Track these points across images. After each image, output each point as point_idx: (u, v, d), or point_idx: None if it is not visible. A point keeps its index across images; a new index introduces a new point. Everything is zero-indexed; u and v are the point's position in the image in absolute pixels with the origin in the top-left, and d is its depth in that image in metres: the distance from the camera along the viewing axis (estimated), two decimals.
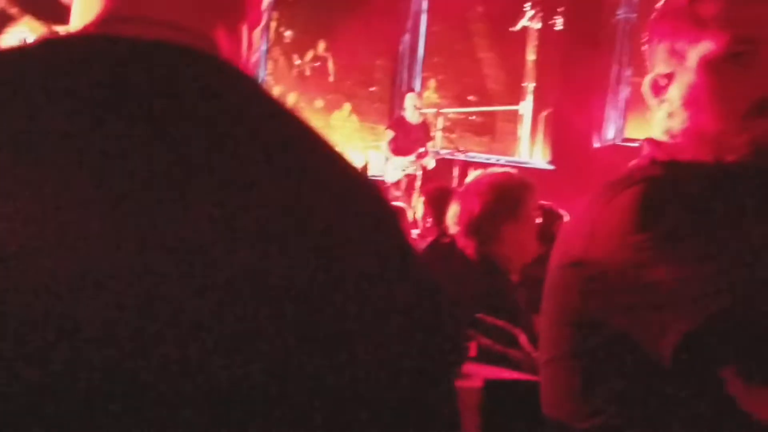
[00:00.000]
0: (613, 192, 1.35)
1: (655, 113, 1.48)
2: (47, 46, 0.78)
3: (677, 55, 1.42)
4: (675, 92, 1.42)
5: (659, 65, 1.47)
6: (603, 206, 1.35)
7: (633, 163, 1.49)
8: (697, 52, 1.39)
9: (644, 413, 1.33)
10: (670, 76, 1.44)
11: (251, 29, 0.90)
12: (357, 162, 12.47)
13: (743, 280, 1.23)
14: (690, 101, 1.40)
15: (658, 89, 1.47)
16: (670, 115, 1.44)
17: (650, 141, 1.49)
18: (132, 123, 0.70)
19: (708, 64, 1.37)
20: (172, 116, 0.72)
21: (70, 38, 0.80)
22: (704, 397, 1.28)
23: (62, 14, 0.91)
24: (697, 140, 1.40)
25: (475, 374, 1.75)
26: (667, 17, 1.47)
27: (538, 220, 2.84)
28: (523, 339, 2.24)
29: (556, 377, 1.46)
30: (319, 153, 0.80)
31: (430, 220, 4.50)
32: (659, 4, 1.50)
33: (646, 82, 1.48)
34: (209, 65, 0.79)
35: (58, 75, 0.72)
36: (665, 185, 1.34)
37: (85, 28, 0.80)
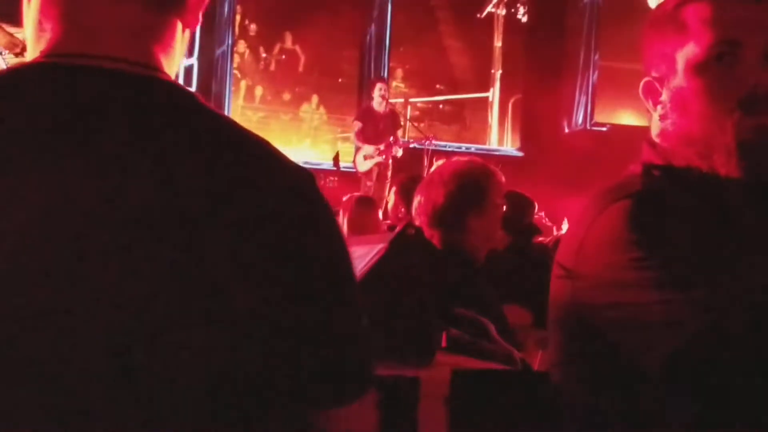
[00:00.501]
0: (605, 203, 1.40)
1: (651, 116, 1.53)
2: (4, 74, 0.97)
3: (666, 59, 1.46)
4: (665, 95, 1.47)
5: (652, 69, 1.51)
6: (594, 218, 1.40)
7: (629, 168, 1.52)
8: (683, 55, 1.43)
9: (636, 424, 1.36)
10: (661, 80, 1.48)
11: (191, 32, 1.05)
12: (327, 153, 12.49)
13: (726, 304, 1.26)
14: (678, 104, 1.45)
15: (651, 93, 1.51)
16: (662, 117, 1.48)
17: (647, 143, 1.52)
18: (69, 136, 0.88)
19: (693, 67, 1.42)
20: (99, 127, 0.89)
21: (21, 68, 0.97)
22: (691, 410, 1.31)
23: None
24: (687, 142, 1.44)
25: (444, 364, 1.74)
26: (655, 23, 1.51)
27: (504, 208, 2.83)
28: (492, 329, 2.24)
29: (562, 382, 1.51)
30: (242, 149, 0.95)
31: (402, 210, 4.50)
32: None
33: (641, 86, 1.52)
34: (136, 86, 0.94)
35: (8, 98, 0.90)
36: (653, 201, 1.38)
37: (34, 60, 0.95)
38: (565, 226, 6.01)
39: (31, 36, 0.97)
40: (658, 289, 1.29)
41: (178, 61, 1.02)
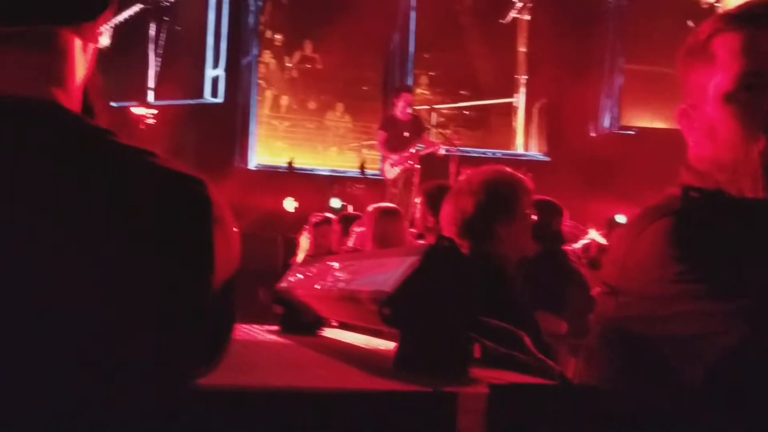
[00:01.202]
0: (647, 221, 1.46)
1: (688, 141, 1.60)
2: None
3: (698, 88, 1.53)
4: (697, 122, 1.54)
5: (687, 96, 1.58)
6: (636, 236, 1.46)
7: (669, 190, 1.58)
8: (713, 85, 1.49)
9: None
10: (693, 107, 1.56)
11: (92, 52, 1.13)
12: (353, 161, 12.50)
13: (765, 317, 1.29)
14: (708, 131, 1.52)
15: (685, 119, 1.58)
16: (695, 143, 1.56)
17: (684, 167, 1.58)
18: None
19: (722, 97, 1.48)
20: None
21: None
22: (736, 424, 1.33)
23: None
24: (717, 167, 1.50)
25: (480, 377, 1.72)
26: (688, 53, 1.58)
27: (534, 217, 2.80)
28: (527, 341, 2.21)
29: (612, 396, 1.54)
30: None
31: (431, 219, 4.46)
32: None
33: (676, 112, 1.60)
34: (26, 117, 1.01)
35: None
36: (693, 220, 1.43)
37: None
38: (592, 233, 5.96)
39: None
40: (700, 301, 1.33)
41: (81, 75, 1.10)
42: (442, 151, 10.51)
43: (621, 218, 8.88)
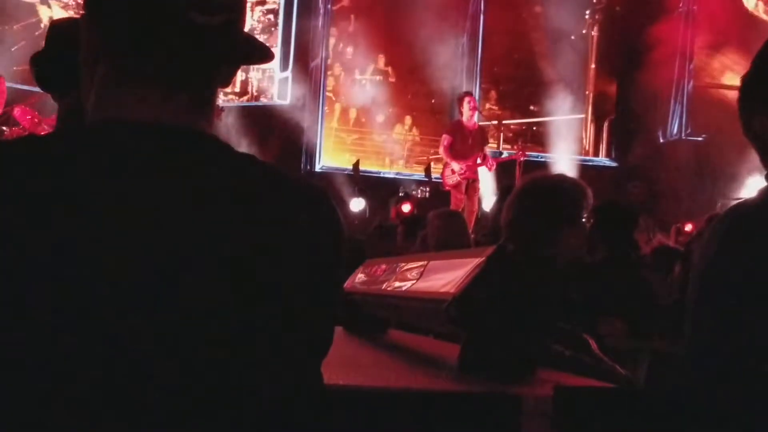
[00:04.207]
0: None
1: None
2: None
3: None
4: None
5: None
6: None
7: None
8: None
9: None
10: None
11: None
12: (420, 171, 12.49)
13: None
14: None
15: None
16: None
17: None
18: None
19: None
20: None
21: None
22: None
23: None
24: None
25: (545, 380, 1.71)
26: None
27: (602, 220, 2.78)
28: (593, 344, 2.19)
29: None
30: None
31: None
32: None
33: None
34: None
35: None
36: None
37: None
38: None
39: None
40: None
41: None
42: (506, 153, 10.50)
43: (688, 226, 8.59)
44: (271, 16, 13.13)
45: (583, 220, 2.67)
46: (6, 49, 10.79)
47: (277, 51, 12.60)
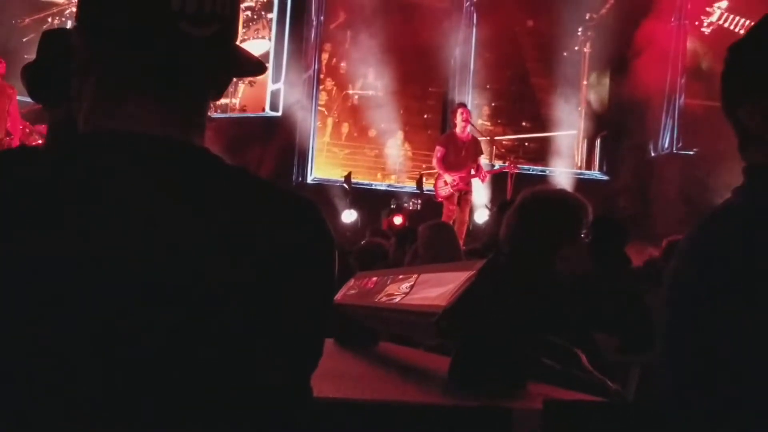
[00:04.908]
0: None
1: None
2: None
3: None
4: None
5: None
6: None
7: None
8: None
9: None
10: None
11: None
12: (412, 185, 12.51)
13: None
14: None
15: None
16: None
17: None
18: None
19: None
20: None
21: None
22: None
23: None
24: None
25: (535, 394, 1.71)
26: None
27: (596, 235, 2.78)
28: (584, 358, 2.19)
29: None
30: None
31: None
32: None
33: None
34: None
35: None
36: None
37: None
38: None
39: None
40: None
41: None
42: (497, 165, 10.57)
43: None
44: (264, 30, 13.16)
45: (583, 235, 2.67)
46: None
47: (269, 62, 12.62)
